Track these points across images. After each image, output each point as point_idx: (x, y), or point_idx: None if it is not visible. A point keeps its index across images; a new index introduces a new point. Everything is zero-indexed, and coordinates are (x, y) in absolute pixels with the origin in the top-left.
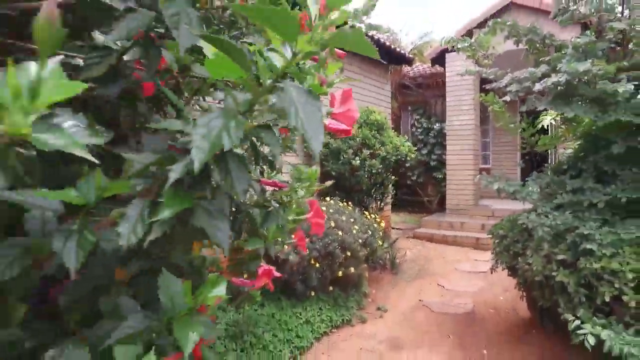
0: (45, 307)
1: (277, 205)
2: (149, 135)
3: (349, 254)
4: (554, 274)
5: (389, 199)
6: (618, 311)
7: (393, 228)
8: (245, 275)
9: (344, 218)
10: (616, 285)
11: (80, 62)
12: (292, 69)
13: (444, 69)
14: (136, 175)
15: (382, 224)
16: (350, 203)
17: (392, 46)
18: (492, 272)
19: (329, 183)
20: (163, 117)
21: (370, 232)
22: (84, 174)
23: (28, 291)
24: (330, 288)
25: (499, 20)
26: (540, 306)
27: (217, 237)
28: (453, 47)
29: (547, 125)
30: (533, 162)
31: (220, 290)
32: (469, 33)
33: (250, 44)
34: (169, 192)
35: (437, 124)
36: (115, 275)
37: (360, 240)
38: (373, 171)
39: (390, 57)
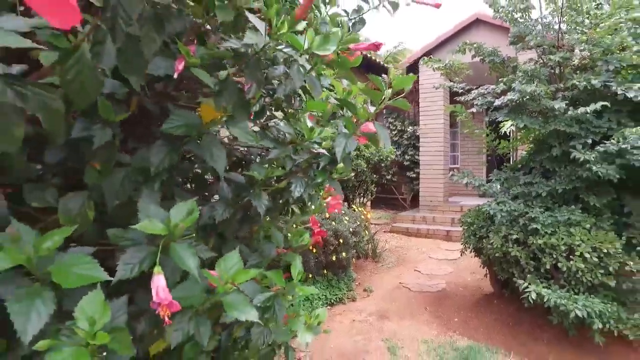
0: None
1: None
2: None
3: (341, 240)
4: (510, 250)
5: (369, 196)
6: (556, 276)
7: (371, 224)
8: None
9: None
10: (554, 256)
11: None
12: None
13: (417, 77)
14: (292, 167)
15: (369, 216)
16: None
17: (373, 58)
18: (461, 255)
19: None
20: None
21: (358, 223)
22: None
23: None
24: (324, 271)
25: (467, 42)
26: (500, 279)
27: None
28: (424, 56)
29: (509, 131)
30: (495, 161)
31: (306, 237)
32: (442, 44)
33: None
34: (320, 171)
35: (410, 127)
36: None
37: (350, 230)
38: (359, 170)
39: (369, 68)
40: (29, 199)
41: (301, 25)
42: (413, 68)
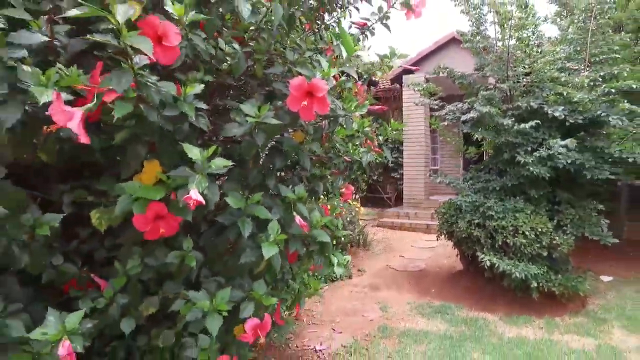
0: None
1: None
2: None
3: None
4: (472, 231)
5: (360, 193)
6: (506, 250)
7: (361, 219)
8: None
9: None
10: (504, 235)
11: None
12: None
13: (401, 87)
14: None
15: (361, 210)
16: None
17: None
18: (437, 239)
19: None
20: None
21: (352, 214)
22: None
23: None
24: None
25: (441, 66)
26: (468, 258)
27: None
28: (407, 70)
29: (481, 138)
30: (470, 163)
31: (339, 205)
32: (423, 59)
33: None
34: (354, 171)
35: (400, 123)
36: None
37: (347, 219)
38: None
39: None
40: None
41: (354, 103)
42: (398, 79)
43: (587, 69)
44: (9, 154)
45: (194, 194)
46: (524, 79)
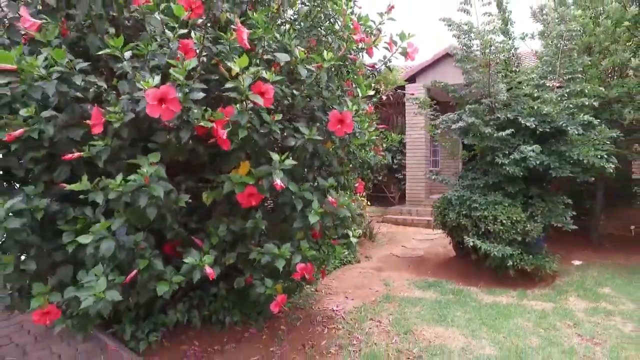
0: None
1: None
2: None
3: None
4: (461, 221)
5: (367, 190)
6: (488, 236)
7: (368, 215)
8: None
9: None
10: (486, 223)
11: None
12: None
13: (404, 95)
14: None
15: (367, 204)
16: None
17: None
18: (433, 229)
19: None
20: None
21: (360, 208)
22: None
23: None
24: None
25: (437, 80)
26: (457, 243)
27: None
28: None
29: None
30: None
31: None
32: (422, 71)
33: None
34: (365, 169)
35: (399, 135)
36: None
37: (357, 212)
38: (368, 168)
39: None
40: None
41: (366, 124)
42: (401, 87)
43: (558, 86)
44: (167, 157)
45: (279, 181)
46: (504, 95)
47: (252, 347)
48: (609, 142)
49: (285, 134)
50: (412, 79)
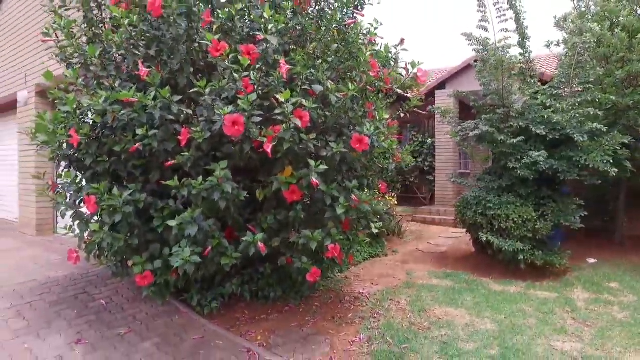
0: None
1: None
2: None
3: (378, 217)
4: (477, 219)
5: (395, 191)
6: (502, 233)
7: (398, 214)
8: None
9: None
10: (499, 221)
11: None
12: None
13: (434, 100)
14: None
15: (395, 204)
16: None
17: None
18: (456, 226)
19: None
20: None
21: (388, 206)
22: None
23: None
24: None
25: (458, 90)
26: (475, 240)
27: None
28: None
29: None
30: None
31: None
32: (451, 77)
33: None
34: (386, 173)
35: (429, 139)
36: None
37: (384, 210)
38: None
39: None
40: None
41: (382, 137)
42: (431, 94)
43: (571, 95)
44: (231, 163)
45: (315, 181)
46: (518, 105)
47: (291, 317)
48: (619, 148)
49: (319, 145)
50: (441, 85)
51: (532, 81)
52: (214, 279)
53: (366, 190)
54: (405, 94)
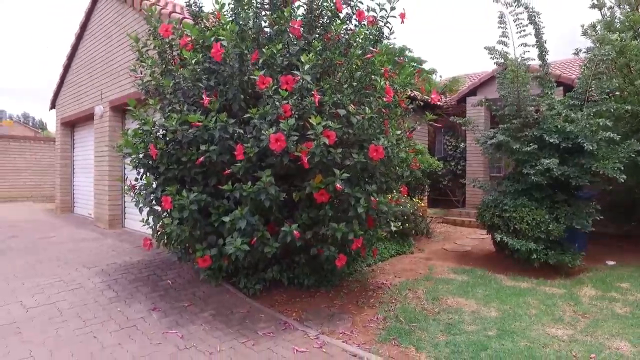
0: None
1: None
2: None
3: (405, 217)
4: (494, 220)
5: (426, 195)
6: (517, 233)
7: (429, 216)
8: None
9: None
10: (514, 222)
11: None
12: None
13: (465, 105)
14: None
15: (422, 204)
16: None
17: (427, 98)
18: (478, 228)
19: None
20: None
21: (415, 208)
22: None
23: None
24: (395, 236)
25: (482, 99)
26: (494, 240)
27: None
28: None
29: None
30: None
31: (399, 194)
32: (482, 84)
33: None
34: (402, 176)
35: (462, 143)
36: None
37: (411, 211)
38: (417, 177)
39: (425, 106)
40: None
41: (400, 148)
42: (462, 100)
43: (587, 106)
44: (274, 171)
45: (339, 186)
46: (533, 116)
47: (321, 300)
48: (634, 155)
49: (344, 156)
50: (472, 92)
51: (549, 92)
52: (257, 266)
53: (388, 193)
54: (434, 103)
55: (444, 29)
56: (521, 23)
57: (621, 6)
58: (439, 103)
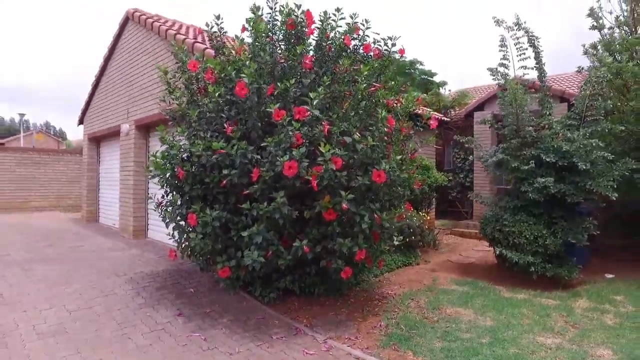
0: None
1: None
2: None
3: (412, 230)
4: (494, 233)
5: (433, 207)
6: (516, 247)
7: (436, 227)
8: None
9: (409, 213)
10: (513, 237)
11: None
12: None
13: (473, 119)
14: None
15: (429, 217)
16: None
17: (436, 115)
18: (479, 240)
19: None
20: None
21: (421, 221)
22: None
23: None
24: (402, 247)
25: (487, 117)
26: (497, 255)
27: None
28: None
29: None
30: None
31: (403, 210)
32: (489, 100)
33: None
34: (403, 195)
35: (470, 156)
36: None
37: (417, 224)
38: (423, 191)
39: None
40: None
41: (402, 171)
42: (470, 114)
43: (583, 126)
44: (287, 192)
45: (345, 206)
46: (531, 136)
47: (329, 308)
48: (629, 173)
49: (349, 178)
50: (480, 107)
51: (548, 113)
52: (271, 276)
53: (386, 211)
54: (445, 118)
55: (454, 39)
56: (521, 46)
57: (620, 27)
58: (446, 119)
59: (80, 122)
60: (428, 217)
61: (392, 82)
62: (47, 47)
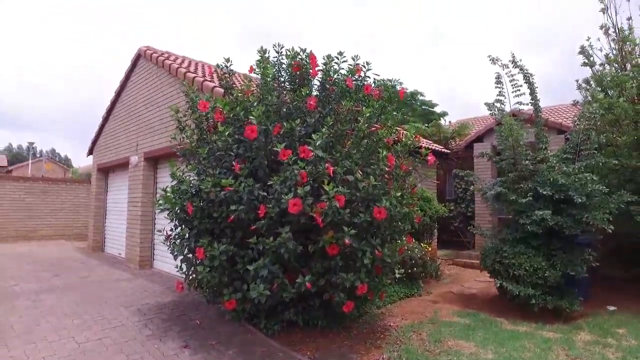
0: None
1: None
2: None
3: (414, 262)
4: (495, 265)
5: (434, 238)
6: (517, 279)
7: (438, 258)
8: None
9: (410, 244)
10: (513, 269)
11: None
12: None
13: (473, 151)
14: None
15: (430, 248)
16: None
17: (437, 148)
18: (481, 271)
19: None
20: None
21: (423, 252)
22: None
23: None
24: (404, 279)
25: (485, 151)
26: (498, 287)
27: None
28: (477, 139)
29: None
30: None
31: (404, 243)
32: (488, 132)
33: None
34: (404, 229)
35: (471, 186)
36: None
37: (419, 256)
38: (425, 223)
39: (434, 153)
40: None
41: (402, 207)
42: (470, 146)
43: (578, 160)
44: (292, 228)
45: (348, 241)
46: (528, 170)
47: (333, 341)
48: (624, 205)
49: (352, 214)
50: (479, 139)
51: (544, 147)
52: (276, 309)
53: (388, 245)
54: (445, 150)
55: (454, 68)
56: (516, 83)
57: (610, 64)
58: (446, 150)
59: (90, 152)
60: (430, 248)
61: (391, 122)
62: (47, 45)
